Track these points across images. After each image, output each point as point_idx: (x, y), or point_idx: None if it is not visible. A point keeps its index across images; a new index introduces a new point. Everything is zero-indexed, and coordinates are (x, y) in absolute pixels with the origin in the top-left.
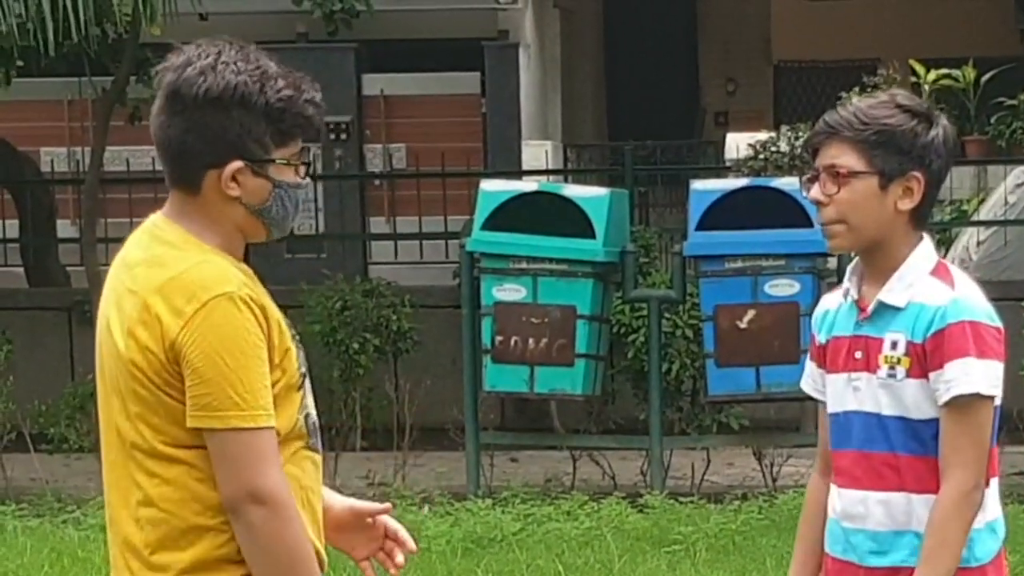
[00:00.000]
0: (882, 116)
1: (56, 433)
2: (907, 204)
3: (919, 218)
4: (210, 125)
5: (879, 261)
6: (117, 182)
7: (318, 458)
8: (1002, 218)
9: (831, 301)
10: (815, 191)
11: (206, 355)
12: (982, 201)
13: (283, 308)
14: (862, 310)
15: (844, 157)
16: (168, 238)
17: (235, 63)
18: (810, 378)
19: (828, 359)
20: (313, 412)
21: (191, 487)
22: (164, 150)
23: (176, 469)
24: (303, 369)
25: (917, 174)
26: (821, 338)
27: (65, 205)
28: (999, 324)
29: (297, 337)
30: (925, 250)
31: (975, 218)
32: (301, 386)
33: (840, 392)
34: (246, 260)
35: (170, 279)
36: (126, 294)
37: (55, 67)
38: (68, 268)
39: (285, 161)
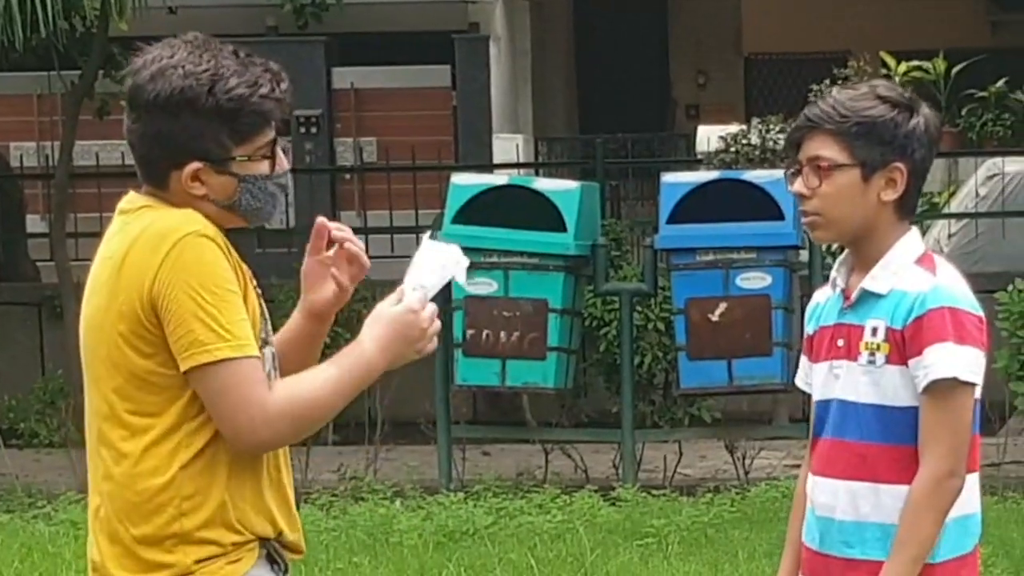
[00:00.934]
0: (862, 108)
1: (26, 428)
2: (890, 195)
3: (904, 208)
4: (162, 130)
5: (865, 252)
6: (87, 177)
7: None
8: (973, 210)
9: (821, 294)
10: (798, 184)
11: (183, 294)
12: (953, 193)
13: None
14: (846, 299)
15: (825, 150)
16: (140, 204)
17: (183, 66)
18: (802, 372)
19: (814, 350)
20: None
21: (149, 461)
22: (132, 151)
23: (136, 442)
24: (263, 335)
25: (900, 165)
26: (809, 330)
27: (35, 200)
28: (981, 313)
29: (263, 309)
30: (911, 240)
31: (946, 210)
32: (263, 345)
33: (823, 381)
34: None
35: (140, 232)
36: (104, 264)
37: (24, 62)
38: (38, 263)
39: (246, 157)
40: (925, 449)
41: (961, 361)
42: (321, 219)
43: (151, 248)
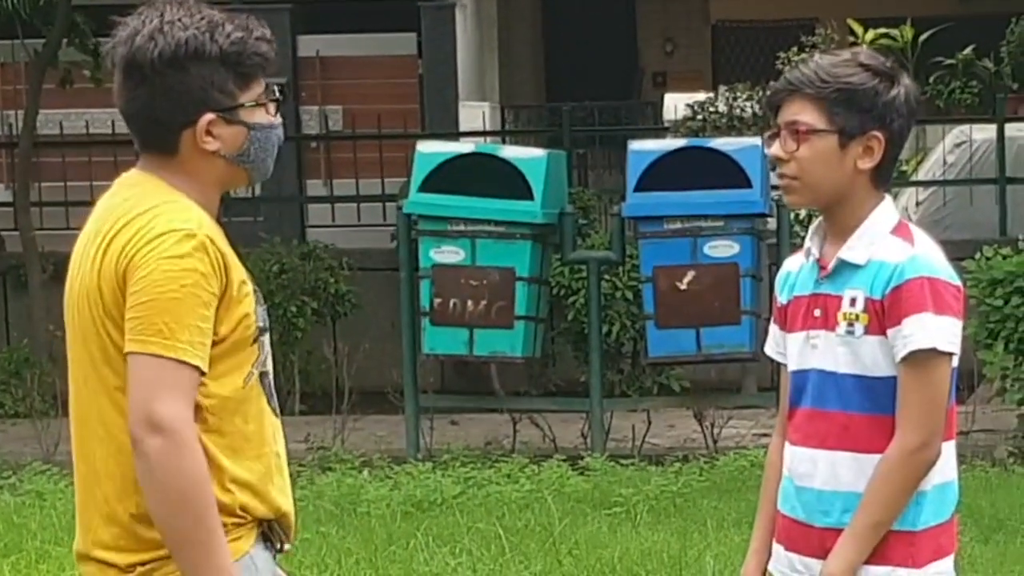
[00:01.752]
0: (844, 74)
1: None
2: (867, 163)
3: (880, 177)
4: (173, 87)
5: (840, 220)
6: (50, 145)
7: (277, 422)
8: (941, 178)
9: (793, 263)
10: (775, 148)
11: (148, 283)
12: (920, 161)
13: None
14: (822, 268)
15: (804, 114)
16: (140, 182)
17: (180, 20)
18: (772, 341)
19: (788, 319)
20: (271, 375)
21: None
22: (134, 121)
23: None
24: (261, 323)
25: (878, 133)
26: (782, 299)
27: None
28: (959, 283)
29: (258, 293)
30: (886, 209)
31: (914, 178)
32: (256, 339)
33: (799, 351)
34: None
35: (137, 215)
36: (92, 238)
37: None
38: (2, 232)
39: (253, 103)
40: (901, 419)
41: (939, 331)
42: None
43: (144, 229)
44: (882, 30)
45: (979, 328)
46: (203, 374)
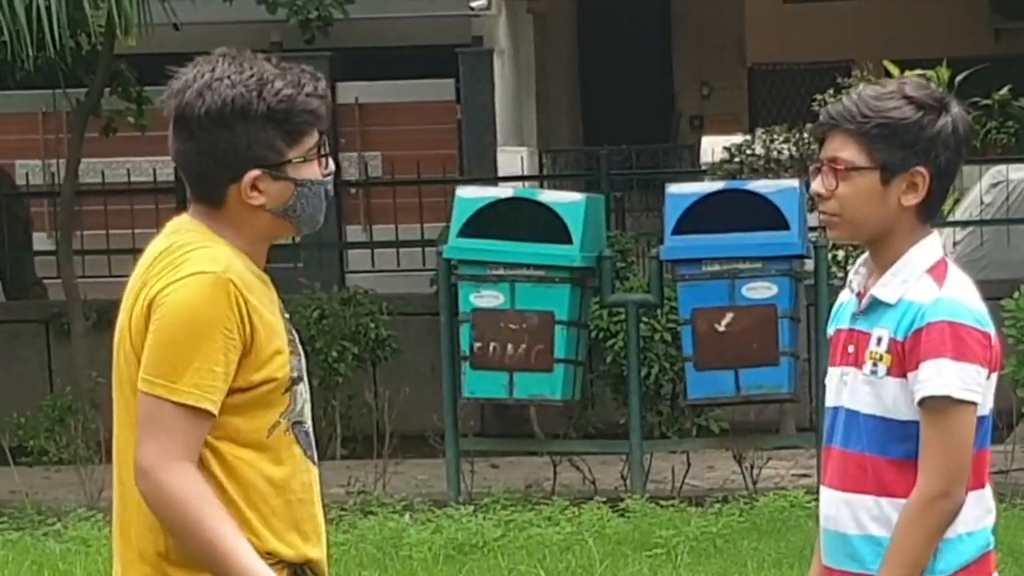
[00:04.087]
0: (885, 108)
1: (36, 446)
2: (911, 200)
3: (926, 213)
4: (218, 143)
5: (882, 255)
6: (93, 194)
7: (314, 470)
8: (977, 218)
9: (844, 294)
10: (816, 184)
11: (163, 323)
12: (957, 201)
13: None
14: (860, 303)
15: (845, 151)
16: (185, 229)
17: (228, 77)
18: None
19: (831, 352)
20: (308, 423)
21: None
22: (184, 172)
23: None
24: (295, 374)
25: (922, 169)
26: (829, 331)
27: (41, 218)
28: (987, 328)
29: (295, 343)
30: (927, 246)
31: (951, 218)
32: (288, 389)
33: (835, 386)
34: None
35: (171, 259)
36: (132, 283)
37: (30, 79)
38: (45, 281)
39: (301, 159)
40: (921, 466)
41: (956, 378)
42: None
43: (171, 269)
44: (918, 71)
45: (1018, 367)
46: (213, 415)
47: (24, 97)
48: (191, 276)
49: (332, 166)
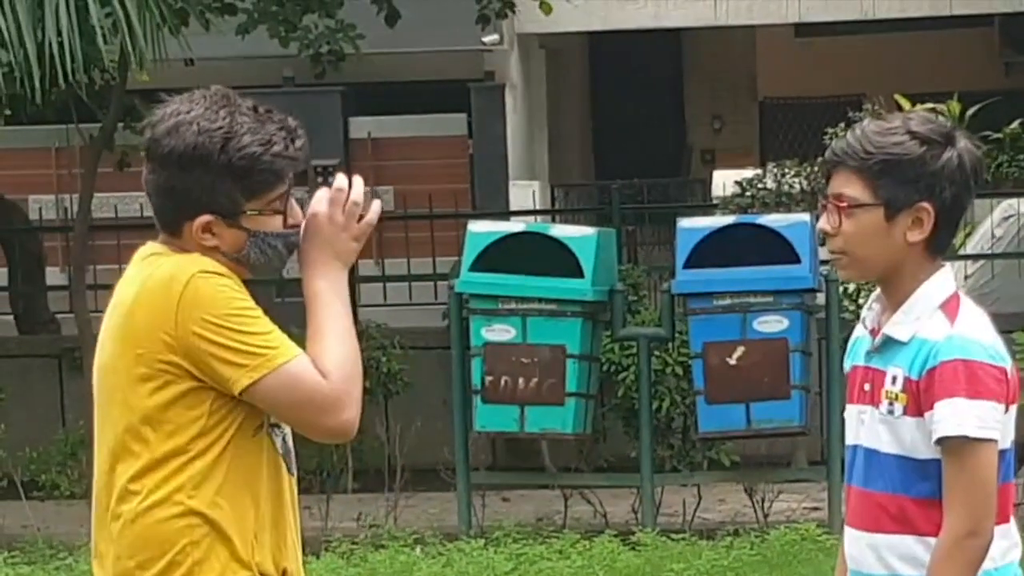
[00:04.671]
0: (888, 144)
1: (47, 480)
2: (917, 236)
3: (935, 248)
4: (176, 185)
5: (893, 292)
6: (106, 228)
7: (291, 481)
8: (989, 251)
9: (860, 329)
10: (822, 222)
11: (213, 329)
12: (968, 234)
13: None
14: (873, 340)
15: (849, 188)
16: (152, 251)
17: (198, 123)
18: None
19: (848, 389)
20: (288, 432)
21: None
22: (149, 200)
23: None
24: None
25: (926, 205)
26: (846, 366)
27: (54, 252)
28: (1002, 363)
29: None
30: (938, 282)
31: (962, 252)
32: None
33: (852, 425)
34: None
35: (148, 276)
36: (115, 310)
37: (43, 114)
38: (58, 315)
39: (257, 212)
40: (947, 506)
41: (972, 417)
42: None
43: (163, 291)
44: (929, 105)
45: None
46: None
47: (37, 132)
48: (191, 280)
49: (301, 216)
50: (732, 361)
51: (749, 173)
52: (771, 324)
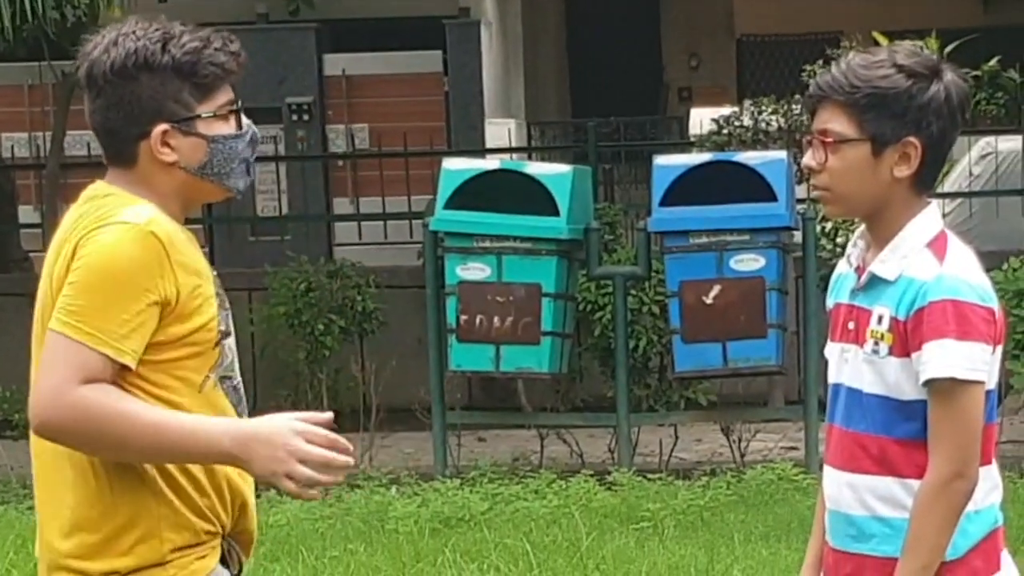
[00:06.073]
0: (875, 77)
1: (21, 419)
2: (904, 171)
3: (921, 184)
4: (124, 96)
5: (879, 229)
6: (78, 166)
7: None
8: (966, 190)
9: (843, 265)
10: (807, 157)
11: (84, 268)
12: (946, 173)
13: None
14: (859, 279)
15: (834, 122)
16: (104, 193)
17: (134, 32)
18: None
19: (831, 326)
20: (238, 378)
21: None
22: (96, 133)
23: None
24: (223, 328)
25: (913, 139)
26: (829, 303)
27: (27, 190)
28: (991, 304)
29: (222, 296)
30: (926, 219)
31: (940, 190)
32: (217, 343)
33: (835, 363)
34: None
35: (87, 215)
36: (52, 247)
37: (14, 52)
38: (31, 253)
39: (212, 114)
40: (932, 449)
41: (959, 359)
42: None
43: (92, 222)
44: (907, 42)
45: (1007, 339)
46: (123, 367)
47: (9, 69)
48: (113, 225)
49: (250, 126)
50: (708, 300)
51: (726, 111)
52: (747, 263)
